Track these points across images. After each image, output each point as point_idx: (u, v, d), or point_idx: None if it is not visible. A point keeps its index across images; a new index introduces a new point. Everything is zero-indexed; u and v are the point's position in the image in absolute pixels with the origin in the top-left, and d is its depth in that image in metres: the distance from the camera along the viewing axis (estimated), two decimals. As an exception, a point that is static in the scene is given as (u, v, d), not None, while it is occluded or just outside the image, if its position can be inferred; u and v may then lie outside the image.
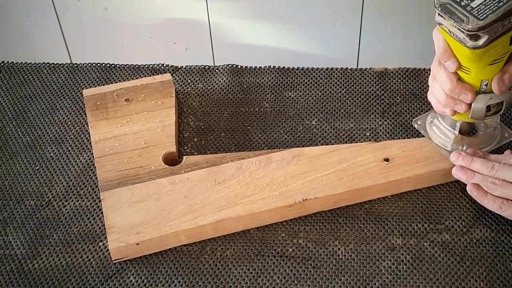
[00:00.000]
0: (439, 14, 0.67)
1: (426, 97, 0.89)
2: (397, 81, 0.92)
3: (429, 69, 0.92)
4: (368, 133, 0.85)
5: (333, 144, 0.83)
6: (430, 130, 0.80)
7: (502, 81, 0.70)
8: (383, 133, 0.85)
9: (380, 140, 0.82)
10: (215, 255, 0.73)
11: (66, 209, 0.77)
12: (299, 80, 0.93)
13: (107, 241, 0.72)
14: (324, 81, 0.92)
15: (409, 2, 1.82)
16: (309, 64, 0.96)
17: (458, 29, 0.65)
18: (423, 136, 0.81)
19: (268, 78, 0.93)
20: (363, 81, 0.92)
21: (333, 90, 0.91)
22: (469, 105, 0.72)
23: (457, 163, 0.76)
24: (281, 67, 0.94)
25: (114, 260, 0.72)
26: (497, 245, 0.72)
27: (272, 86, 0.92)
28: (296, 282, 0.70)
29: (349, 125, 0.86)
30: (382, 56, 1.91)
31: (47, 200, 0.79)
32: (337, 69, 0.94)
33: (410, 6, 1.82)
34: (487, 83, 0.71)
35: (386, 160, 0.78)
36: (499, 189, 0.71)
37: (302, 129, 0.86)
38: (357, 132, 0.85)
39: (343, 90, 0.91)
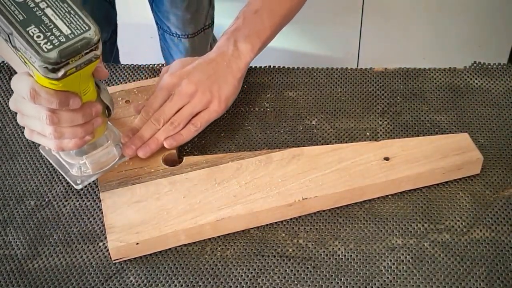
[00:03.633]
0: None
1: (427, 97, 0.89)
2: (397, 81, 0.92)
3: (429, 69, 0.93)
4: (368, 133, 0.85)
5: (333, 144, 0.83)
6: (54, 157, 0.79)
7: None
8: (383, 132, 0.85)
9: (380, 140, 0.82)
10: (215, 255, 0.73)
11: (66, 209, 0.77)
12: (299, 80, 0.92)
13: (107, 241, 0.72)
14: (324, 81, 0.92)
15: (409, 2, 1.82)
16: (309, 64, 0.96)
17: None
18: (423, 136, 0.81)
19: (268, 78, 0.93)
20: (363, 81, 0.92)
21: (333, 90, 0.91)
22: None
23: (144, 150, 0.79)
24: (281, 67, 0.94)
25: (114, 260, 0.72)
26: (497, 245, 0.72)
27: (272, 86, 0.92)
28: (296, 282, 0.70)
29: (349, 125, 0.86)
30: (382, 56, 1.91)
31: (47, 200, 0.78)
32: (337, 69, 0.94)
33: (410, 6, 1.83)
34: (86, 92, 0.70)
35: (386, 159, 0.78)
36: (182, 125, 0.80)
37: (302, 129, 0.86)
38: (357, 132, 0.85)
39: (343, 90, 0.91)
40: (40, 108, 0.67)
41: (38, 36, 0.61)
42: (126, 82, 0.92)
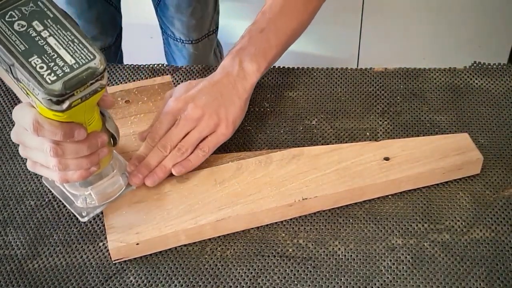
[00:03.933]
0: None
1: (427, 97, 0.89)
2: (397, 81, 0.92)
3: (429, 69, 0.93)
4: (368, 133, 0.85)
5: (333, 144, 0.83)
6: (57, 188, 0.76)
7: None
8: (383, 132, 0.85)
9: (380, 140, 0.82)
10: (215, 255, 0.73)
11: (66, 209, 0.77)
12: (299, 80, 0.93)
13: (107, 241, 0.72)
14: (324, 81, 0.92)
15: (409, 2, 1.82)
16: (309, 64, 0.96)
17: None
18: (423, 135, 0.81)
19: (268, 78, 0.93)
20: (363, 81, 0.92)
21: (333, 90, 0.91)
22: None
23: (152, 179, 0.75)
24: (281, 67, 0.94)
25: (114, 260, 0.72)
26: (497, 245, 0.72)
27: (272, 86, 0.92)
28: (296, 282, 0.70)
29: (349, 125, 0.86)
30: (382, 56, 1.91)
31: (47, 200, 0.78)
32: (337, 69, 0.94)
33: (410, 6, 1.83)
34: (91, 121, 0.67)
35: (386, 159, 0.78)
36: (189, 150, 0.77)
37: (302, 129, 0.86)
38: (357, 132, 0.85)
39: (343, 90, 0.91)
40: (44, 139, 0.65)
41: (41, 67, 0.58)
42: (126, 82, 0.92)
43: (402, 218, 0.75)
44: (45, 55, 0.58)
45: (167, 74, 0.93)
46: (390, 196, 0.77)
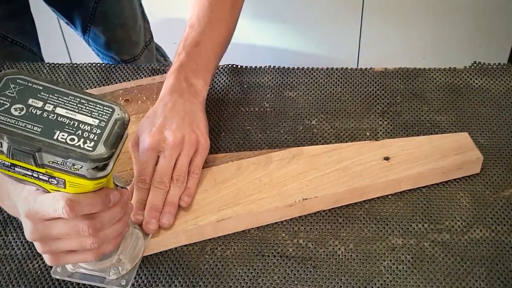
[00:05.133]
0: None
1: (427, 97, 0.89)
2: (397, 81, 0.92)
3: (429, 69, 0.93)
4: (368, 133, 0.85)
5: (333, 143, 0.82)
6: (76, 274, 0.69)
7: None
8: (383, 132, 0.85)
9: (380, 140, 0.82)
10: (215, 255, 0.73)
11: (66, 209, 0.77)
12: (299, 80, 0.93)
13: (107, 241, 0.72)
14: (324, 81, 0.92)
15: (409, 2, 1.82)
16: (309, 64, 0.96)
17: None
18: (423, 135, 0.81)
19: (268, 78, 0.93)
20: (363, 81, 0.92)
21: (333, 90, 0.91)
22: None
23: (165, 220, 0.72)
24: (281, 67, 0.94)
25: (114, 260, 0.72)
26: (497, 245, 0.72)
27: (272, 86, 0.92)
28: (296, 282, 0.70)
29: (349, 125, 0.86)
30: (382, 56, 1.91)
31: (47, 200, 0.78)
32: (337, 69, 0.94)
33: (410, 6, 1.83)
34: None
35: (386, 158, 0.78)
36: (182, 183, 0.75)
37: (302, 129, 0.86)
38: (357, 132, 0.85)
39: (343, 90, 0.91)
40: (77, 220, 0.59)
41: (72, 139, 0.53)
42: (126, 81, 0.92)
43: (402, 218, 0.75)
44: (66, 127, 0.54)
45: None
46: (390, 196, 0.77)
